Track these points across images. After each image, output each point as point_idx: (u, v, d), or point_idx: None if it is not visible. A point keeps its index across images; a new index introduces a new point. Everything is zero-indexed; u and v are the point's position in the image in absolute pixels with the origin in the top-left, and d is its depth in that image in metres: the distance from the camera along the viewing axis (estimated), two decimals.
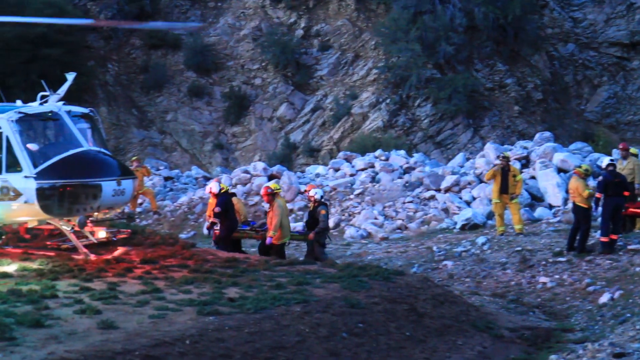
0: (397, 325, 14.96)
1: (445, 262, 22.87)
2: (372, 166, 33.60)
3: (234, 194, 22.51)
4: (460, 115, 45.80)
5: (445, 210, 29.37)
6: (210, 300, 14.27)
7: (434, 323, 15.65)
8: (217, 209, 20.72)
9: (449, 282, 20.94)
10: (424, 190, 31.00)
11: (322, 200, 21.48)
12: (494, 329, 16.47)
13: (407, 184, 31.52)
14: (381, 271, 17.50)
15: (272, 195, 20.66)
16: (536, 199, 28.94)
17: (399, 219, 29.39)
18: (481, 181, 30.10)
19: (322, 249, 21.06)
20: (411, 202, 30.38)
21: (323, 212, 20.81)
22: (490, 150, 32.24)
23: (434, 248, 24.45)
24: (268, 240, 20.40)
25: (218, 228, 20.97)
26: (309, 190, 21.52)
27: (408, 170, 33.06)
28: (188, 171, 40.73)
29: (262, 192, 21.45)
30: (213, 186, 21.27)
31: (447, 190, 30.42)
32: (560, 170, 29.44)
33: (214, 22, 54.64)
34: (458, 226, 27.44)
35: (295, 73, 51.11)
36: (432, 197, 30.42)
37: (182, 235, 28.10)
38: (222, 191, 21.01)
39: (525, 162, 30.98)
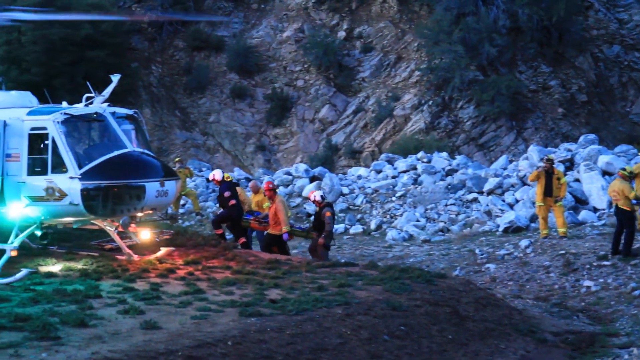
0: (439, 328, 14.88)
1: (487, 265, 22.70)
2: (414, 168, 33.49)
3: (237, 184, 22.67)
4: (503, 118, 45.45)
5: (488, 213, 29.16)
6: (252, 302, 14.32)
7: (476, 326, 15.54)
8: (227, 193, 21.09)
9: (491, 286, 20.78)
10: (467, 192, 30.83)
11: (325, 201, 21.41)
12: (537, 332, 16.31)
13: (449, 186, 31.35)
14: (423, 274, 17.43)
15: (274, 191, 20.91)
16: (580, 202, 28.62)
17: (441, 222, 29.24)
18: (524, 184, 29.85)
19: (326, 251, 20.93)
20: (453, 204, 30.22)
21: (328, 214, 20.66)
22: (534, 152, 31.95)
23: (477, 251, 24.28)
24: (285, 237, 20.59)
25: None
26: (310, 195, 21.59)
27: (450, 172, 32.90)
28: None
29: (264, 187, 21.54)
30: (216, 173, 21.70)
31: (489, 192, 30.21)
32: (604, 173, 29.08)
33: (256, 24, 54.82)
34: (501, 229, 27.22)
35: (337, 75, 51.09)
36: (475, 200, 30.23)
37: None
38: (225, 180, 21.35)
39: (570, 164, 30.66)
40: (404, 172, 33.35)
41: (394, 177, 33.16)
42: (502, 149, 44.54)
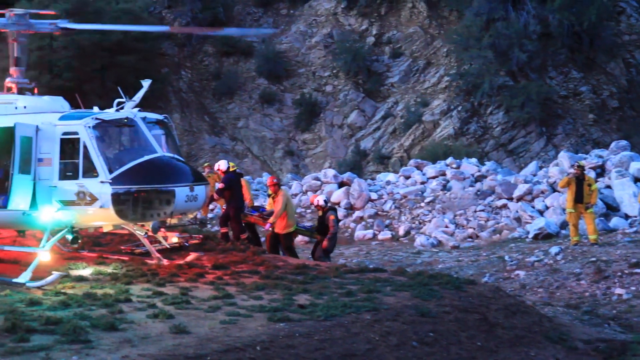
0: (468, 335, 14.80)
1: (517, 272, 22.57)
2: (443, 174, 33.37)
3: (241, 175, 22.54)
4: (533, 123, 45.23)
5: (518, 219, 29.01)
6: (281, 307, 14.31)
7: (506, 333, 15.44)
8: (220, 185, 20.99)
9: (521, 292, 20.65)
10: (496, 198, 30.69)
11: (329, 205, 21.35)
12: (567, 340, 16.18)
13: (478, 193, 31.23)
14: (452, 280, 17.34)
15: (277, 186, 20.99)
16: (611, 208, 28.39)
17: (470, 228, 29.13)
18: (555, 190, 29.66)
19: (326, 257, 20.93)
20: (483, 210, 30.09)
21: (332, 217, 20.74)
22: (564, 159, 31.74)
23: (506, 257, 24.15)
24: (267, 226, 20.67)
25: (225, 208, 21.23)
26: (313, 200, 21.54)
27: (480, 178, 32.76)
28: (259, 178, 40.98)
29: (267, 182, 21.54)
30: (221, 164, 21.59)
31: (519, 199, 30.05)
32: (636, 180, 28.83)
33: (285, 30, 54.96)
34: (531, 235, 27.07)
35: (366, 80, 51.08)
36: (504, 206, 30.08)
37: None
38: (230, 170, 21.21)
39: (601, 171, 30.42)
40: (433, 177, 33.25)
41: (422, 183, 33.07)
42: (532, 155, 44.32)
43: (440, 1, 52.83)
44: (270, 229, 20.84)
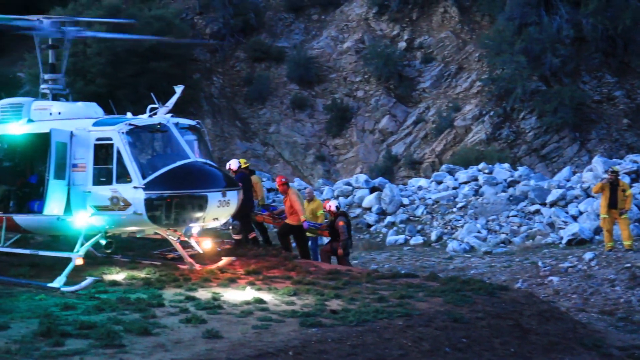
0: (501, 341, 14.72)
1: (550, 278, 22.41)
2: (476, 179, 33.23)
3: (253, 172, 22.52)
4: (566, 128, 44.90)
5: (551, 225, 28.81)
6: (313, 312, 14.33)
7: (539, 340, 15.34)
8: None
9: (554, 299, 20.51)
10: (529, 204, 30.50)
11: (340, 210, 21.38)
12: (602, 347, 16.04)
13: (511, 198, 31.05)
14: (485, 286, 17.27)
15: (286, 185, 21.15)
16: None
17: (503, 233, 28.97)
18: (588, 195, 29.42)
19: (346, 258, 21.08)
20: (515, 216, 29.91)
21: (341, 223, 20.76)
22: (598, 164, 31.48)
23: (539, 263, 23.99)
24: (305, 225, 20.75)
25: None
26: (326, 205, 21.60)
27: (512, 183, 32.58)
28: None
29: (277, 182, 21.58)
30: (232, 163, 21.63)
31: (552, 204, 29.84)
32: None
33: (317, 35, 55.03)
34: (564, 241, 26.87)
35: (397, 85, 51.00)
36: (537, 212, 29.88)
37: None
38: (241, 168, 21.24)
39: (635, 176, 30.14)
40: (465, 183, 33.12)
41: (454, 188, 32.96)
42: (565, 160, 43.98)
43: (472, 6, 52.65)
44: (307, 227, 20.87)
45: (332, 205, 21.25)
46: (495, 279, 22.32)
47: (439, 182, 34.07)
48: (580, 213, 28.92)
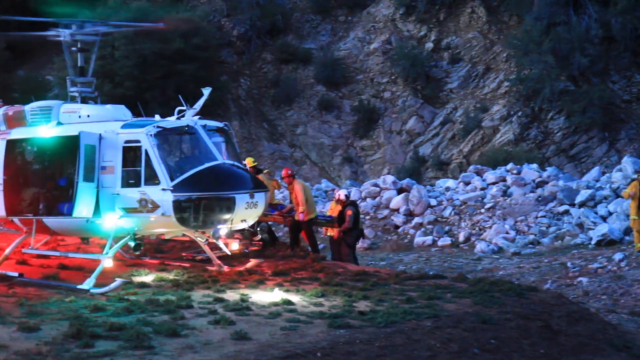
0: (530, 343, 14.65)
1: (580, 279, 22.27)
2: (504, 180, 33.07)
3: (260, 171, 22.52)
4: (595, 128, 44.59)
5: (580, 226, 28.61)
6: (341, 313, 14.33)
7: (569, 341, 15.24)
8: None
9: (584, 299, 20.37)
10: (557, 204, 30.30)
11: (350, 200, 21.43)
12: (632, 348, 15.91)
13: (539, 198, 30.87)
14: (514, 287, 17.19)
15: (292, 177, 21.22)
16: None
17: (531, 234, 28.81)
18: (618, 196, 29.18)
19: (350, 250, 21.09)
20: (544, 216, 29.74)
21: (349, 212, 20.84)
22: (627, 164, 31.23)
23: (568, 264, 23.84)
24: (301, 217, 20.70)
25: None
26: (336, 193, 21.84)
27: (540, 184, 32.39)
28: (318, 184, 41.04)
29: (282, 173, 21.55)
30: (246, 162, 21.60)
31: (581, 204, 29.63)
32: None
33: (344, 36, 55.03)
34: (593, 242, 26.68)
35: (424, 86, 50.88)
36: (566, 212, 29.69)
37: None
38: (249, 166, 21.28)
39: None
40: (493, 183, 32.97)
41: (482, 189, 32.82)
42: (594, 160, 43.68)
43: (499, 6, 52.42)
44: (304, 219, 20.88)
45: (341, 194, 21.45)
46: (524, 280, 22.20)
47: (467, 183, 33.94)
48: (610, 213, 28.70)
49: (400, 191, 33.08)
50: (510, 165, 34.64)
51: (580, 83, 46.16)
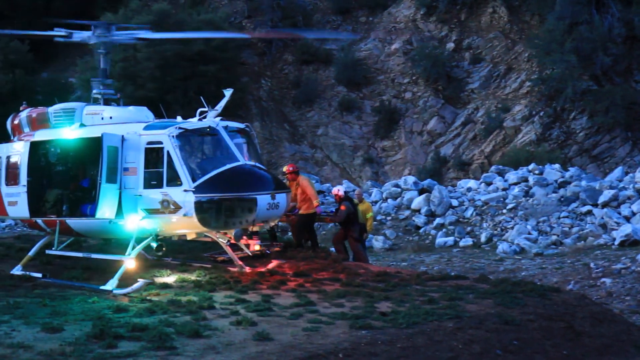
0: (553, 344, 14.56)
1: (603, 280, 22.12)
2: (526, 180, 32.94)
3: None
4: (617, 128, 44.32)
5: (603, 226, 28.44)
6: (363, 314, 14.30)
7: (592, 342, 15.14)
8: None
9: (607, 300, 20.23)
10: (580, 205, 30.15)
11: (346, 195, 21.66)
12: None
13: (562, 199, 30.73)
14: (536, 287, 17.10)
15: (296, 173, 21.18)
16: None
17: (554, 235, 28.67)
18: None
19: (359, 243, 21.31)
20: (566, 217, 29.60)
21: (343, 207, 21.00)
22: None
23: (591, 265, 23.70)
24: (319, 210, 20.92)
25: None
26: (333, 190, 22.00)
27: (563, 184, 32.24)
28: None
29: (286, 169, 21.59)
30: None
31: (604, 205, 29.47)
32: None
33: (365, 37, 55.00)
34: (617, 242, 26.51)
35: (446, 86, 50.78)
36: (589, 212, 29.53)
37: (333, 249, 28.30)
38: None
39: None
40: (515, 184, 32.85)
41: (504, 190, 32.70)
42: (617, 160, 43.43)
43: (521, 5, 52.23)
44: (304, 212, 20.97)
45: (339, 189, 21.70)
46: (546, 281, 22.09)
47: (489, 184, 33.85)
48: (633, 214, 28.53)
49: (421, 192, 33.02)
50: (532, 166, 34.51)
51: (603, 82, 45.92)
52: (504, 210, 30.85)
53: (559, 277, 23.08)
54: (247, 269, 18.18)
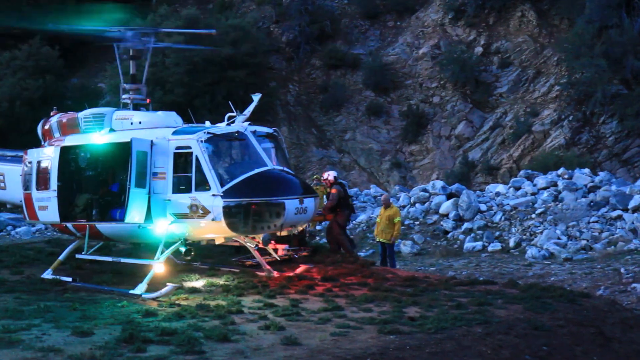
0: (583, 350, 14.46)
1: (634, 285, 21.93)
2: (555, 185, 32.72)
3: (340, 183, 22.59)
4: None
5: (633, 231, 28.19)
6: (391, 319, 14.29)
7: (623, 348, 15.02)
8: None
9: (638, 306, 20.05)
10: (610, 209, 29.89)
11: (337, 181, 21.62)
12: None
13: (591, 204, 30.49)
14: (566, 293, 16.99)
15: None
16: None
17: (584, 240, 28.45)
18: None
19: (342, 230, 21.14)
20: (596, 222, 29.36)
21: (334, 190, 21.03)
22: None
23: (622, 270, 23.50)
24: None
25: None
26: (324, 174, 22.09)
27: (592, 189, 31.99)
28: (366, 189, 41.04)
29: (323, 178, 21.70)
30: None
31: (635, 209, 29.20)
32: None
33: (392, 42, 54.95)
34: None
35: (474, 91, 50.60)
36: (619, 217, 29.27)
37: (361, 254, 28.30)
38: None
39: None
40: (544, 188, 32.64)
41: (533, 194, 32.50)
42: None
43: (550, 9, 51.95)
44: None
45: (330, 174, 21.77)
46: (576, 286, 21.93)
47: (517, 188, 33.66)
48: None
49: (449, 196, 32.90)
50: (561, 170, 34.28)
51: (633, 86, 45.51)
52: (533, 215, 30.67)
53: (589, 282, 22.91)
54: (276, 274, 18.21)
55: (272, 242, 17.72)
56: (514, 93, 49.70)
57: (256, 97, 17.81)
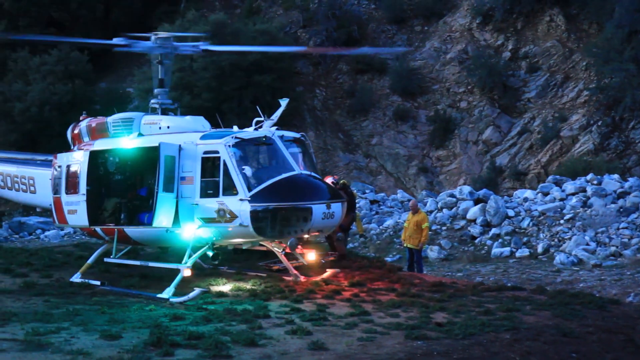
0: (613, 357, 14.33)
1: None
2: (584, 190, 32.49)
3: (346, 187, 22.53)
4: None
5: None
6: (418, 325, 14.25)
7: None
8: None
9: None
10: None
11: (339, 184, 21.38)
12: None
13: (621, 209, 30.25)
14: (595, 299, 16.87)
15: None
16: None
17: (613, 246, 28.23)
18: None
19: (344, 233, 20.88)
20: (626, 228, 29.12)
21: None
22: None
23: None
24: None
25: None
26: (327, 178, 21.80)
27: (622, 195, 31.73)
28: (393, 195, 40.92)
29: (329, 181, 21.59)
30: None
31: None
32: None
33: (420, 46, 54.84)
34: None
35: (501, 96, 50.36)
36: None
37: (388, 259, 28.25)
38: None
39: None
40: (573, 194, 32.42)
41: (561, 200, 32.29)
42: None
43: (579, 14, 51.63)
44: None
45: (327, 179, 21.45)
46: (605, 293, 21.75)
47: (545, 194, 33.45)
48: None
49: (477, 202, 32.77)
50: (590, 176, 34.03)
51: None
52: (562, 221, 30.47)
53: (618, 289, 22.71)
54: (302, 278, 18.22)
55: (299, 246, 17.72)
56: (542, 98, 49.42)
57: (284, 102, 17.86)
